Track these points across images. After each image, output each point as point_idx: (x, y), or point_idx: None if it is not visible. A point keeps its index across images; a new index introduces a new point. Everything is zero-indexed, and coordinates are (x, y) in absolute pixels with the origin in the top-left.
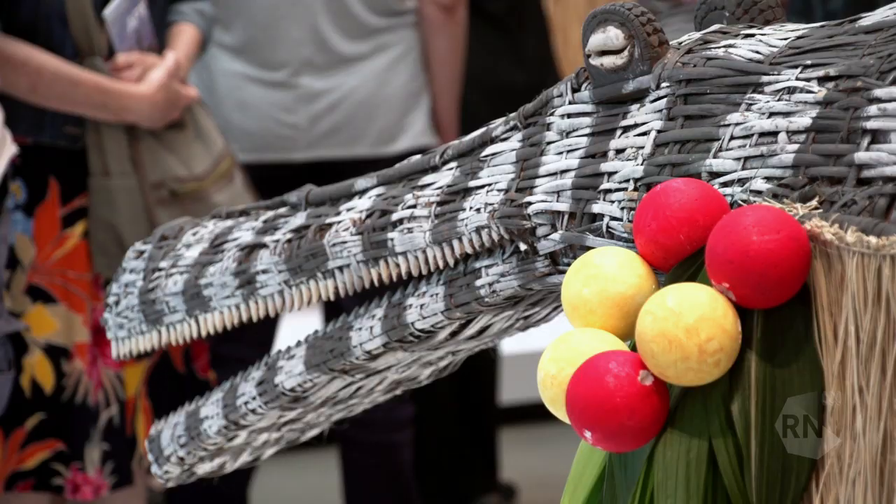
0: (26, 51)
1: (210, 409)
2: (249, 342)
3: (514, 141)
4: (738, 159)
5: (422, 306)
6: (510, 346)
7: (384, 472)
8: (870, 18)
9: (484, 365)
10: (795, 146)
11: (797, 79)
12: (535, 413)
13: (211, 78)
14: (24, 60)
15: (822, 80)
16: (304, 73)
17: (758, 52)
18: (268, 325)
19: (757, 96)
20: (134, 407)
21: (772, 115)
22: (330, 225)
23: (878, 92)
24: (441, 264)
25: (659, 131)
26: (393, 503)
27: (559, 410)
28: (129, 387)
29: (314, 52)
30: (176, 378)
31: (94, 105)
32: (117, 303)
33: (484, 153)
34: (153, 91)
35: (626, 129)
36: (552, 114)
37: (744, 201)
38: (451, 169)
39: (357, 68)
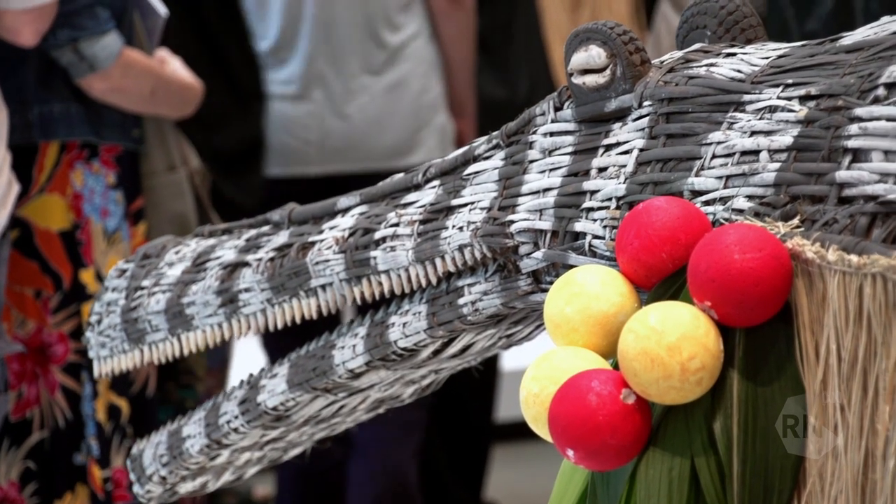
0: (145, 58)
1: (192, 428)
2: None
3: (497, 159)
4: (720, 178)
5: (404, 325)
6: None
7: (387, 475)
8: (850, 38)
9: (480, 383)
10: (777, 165)
11: (778, 98)
12: (517, 431)
13: None
14: (147, 66)
15: (803, 99)
16: (315, 88)
17: (739, 71)
18: None
19: (739, 115)
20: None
21: (753, 133)
22: (313, 243)
23: (859, 111)
24: (424, 283)
25: (641, 150)
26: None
27: (542, 429)
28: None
29: (326, 67)
30: None
31: (182, 102)
32: (99, 321)
33: (466, 171)
34: (199, 81)
35: (609, 147)
36: (535, 132)
37: (726, 220)
38: (434, 187)
39: (369, 83)
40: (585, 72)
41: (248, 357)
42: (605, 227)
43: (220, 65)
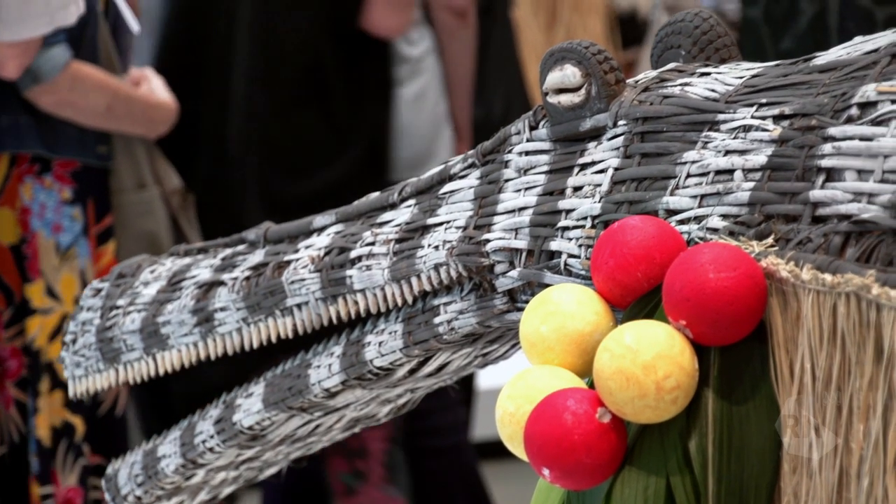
0: (100, 73)
1: (168, 447)
2: None
3: (473, 178)
4: (695, 197)
5: (380, 343)
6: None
7: (459, 474)
8: (824, 58)
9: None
10: (751, 184)
11: (752, 117)
12: (493, 450)
13: None
14: (102, 82)
15: (777, 119)
16: None
17: (714, 91)
18: None
19: (713, 134)
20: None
21: (728, 153)
22: (288, 262)
23: (833, 130)
24: (399, 301)
25: (616, 169)
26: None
27: (517, 448)
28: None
29: None
30: None
31: (146, 121)
32: (74, 341)
33: (442, 190)
34: (173, 103)
35: (584, 166)
36: (510, 151)
37: (700, 239)
38: (410, 206)
39: (396, 95)
40: (560, 91)
41: None
42: (580, 245)
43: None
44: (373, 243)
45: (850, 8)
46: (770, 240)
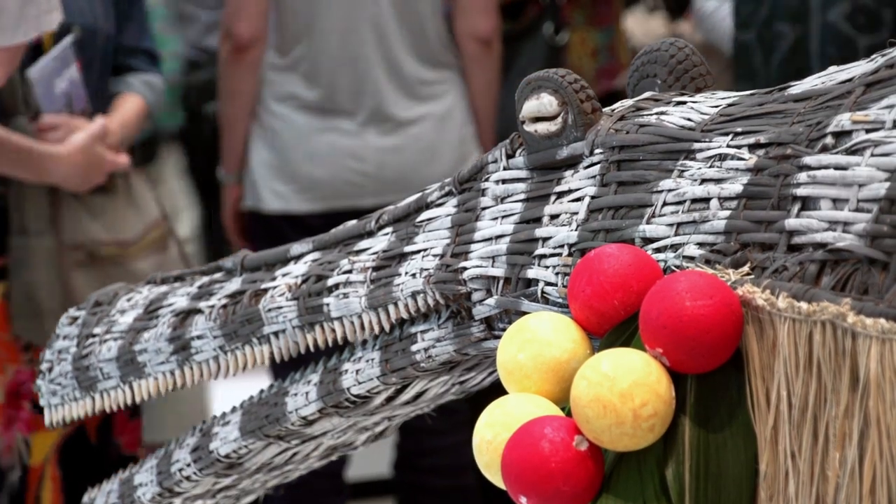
0: None
1: (144, 476)
2: None
3: (450, 206)
4: (671, 225)
5: (357, 371)
6: None
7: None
8: (799, 87)
9: None
10: (727, 212)
11: (728, 146)
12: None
13: (274, 130)
14: None
15: (752, 148)
16: (370, 124)
17: (689, 120)
18: None
19: (689, 163)
20: (41, 475)
21: (704, 181)
22: (265, 290)
23: (808, 159)
24: (377, 329)
25: (593, 197)
26: None
27: (494, 476)
28: (36, 454)
29: (378, 104)
30: (89, 449)
31: (11, 164)
32: (50, 369)
33: (419, 218)
34: (71, 152)
35: (560, 194)
36: (487, 179)
37: (677, 267)
38: (387, 234)
39: (418, 118)
40: (537, 119)
41: None
42: (557, 273)
43: None
44: (350, 271)
45: (832, 34)
46: (746, 268)
